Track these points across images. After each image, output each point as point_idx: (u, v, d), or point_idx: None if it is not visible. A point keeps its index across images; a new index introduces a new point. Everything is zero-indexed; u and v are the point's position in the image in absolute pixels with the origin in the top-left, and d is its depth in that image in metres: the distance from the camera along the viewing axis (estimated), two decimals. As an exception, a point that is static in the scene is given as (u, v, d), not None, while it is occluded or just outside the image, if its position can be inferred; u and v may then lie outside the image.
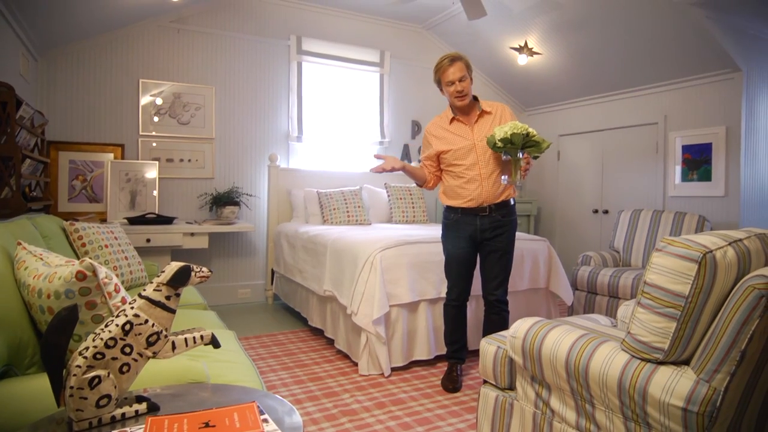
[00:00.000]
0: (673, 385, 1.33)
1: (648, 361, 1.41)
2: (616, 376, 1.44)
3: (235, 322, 4.13)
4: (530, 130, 2.52)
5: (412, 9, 5.18)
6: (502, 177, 2.65)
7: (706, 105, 4.39)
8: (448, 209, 2.81)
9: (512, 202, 2.79)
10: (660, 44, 4.25)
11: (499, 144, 2.51)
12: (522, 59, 4.96)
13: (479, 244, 2.77)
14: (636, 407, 1.40)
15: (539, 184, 6.19)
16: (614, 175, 5.23)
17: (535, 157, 2.61)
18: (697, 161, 4.43)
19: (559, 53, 5.02)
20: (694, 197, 4.46)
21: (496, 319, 2.81)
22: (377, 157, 2.86)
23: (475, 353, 3.24)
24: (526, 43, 4.85)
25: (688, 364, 1.38)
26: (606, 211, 5.31)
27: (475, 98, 2.79)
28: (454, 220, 2.77)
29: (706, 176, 4.37)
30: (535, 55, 4.98)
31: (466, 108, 2.74)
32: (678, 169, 4.60)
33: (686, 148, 4.53)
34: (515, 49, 4.92)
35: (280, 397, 1.23)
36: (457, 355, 2.88)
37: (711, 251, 1.33)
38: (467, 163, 2.69)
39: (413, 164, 5.56)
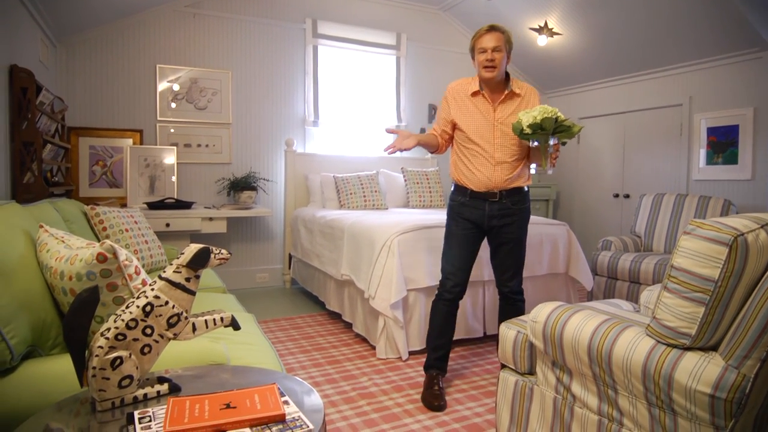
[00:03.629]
0: (700, 372, 1.30)
1: (674, 346, 1.38)
2: (641, 362, 1.41)
3: (254, 305, 4.17)
4: (559, 114, 2.32)
5: (429, -10, 5.09)
6: (531, 165, 2.51)
7: (733, 85, 4.25)
8: (456, 191, 2.61)
9: (526, 189, 2.59)
10: (685, 22, 4.12)
11: (527, 130, 2.30)
12: (542, 40, 4.86)
13: (487, 232, 2.58)
14: (661, 393, 1.37)
15: (558, 168, 6.09)
16: (636, 158, 5.12)
17: (563, 143, 2.42)
18: (723, 144, 4.31)
19: (580, 33, 4.89)
20: (719, 181, 4.35)
21: (512, 310, 2.65)
22: (390, 131, 2.54)
23: (491, 338, 3.24)
24: (546, 24, 4.74)
25: (716, 350, 1.35)
26: (627, 196, 5.21)
27: (507, 77, 2.55)
28: (461, 202, 2.56)
29: (732, 159, 4.25)
30: (555, 36, 4.87)
31: (493, 83, 2.51)
32: (702, 152, 4.48)
33: (712, 131, 4.40)
34: (535, 29, 4.81)
35: (300, 379, 1.23)
36: (438, 365, 2.54)
37: (742, 234, 1.28)
38: (482, 143, 2.48)
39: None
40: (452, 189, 2.67)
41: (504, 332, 1.96)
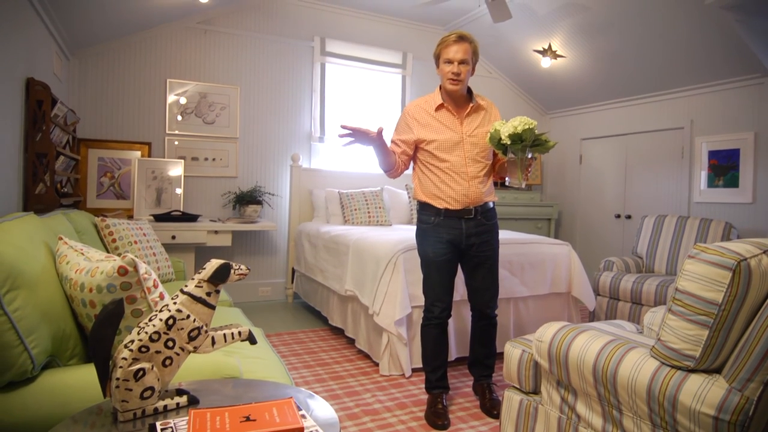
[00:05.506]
0: (704, 394, 1.32)
1: (678, 368, 1.41)
2: (646, 383, 1.43)
3: (257, 319, 4.18)
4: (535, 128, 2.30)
5: (435, 11, 5.19)
6: (506, 179, 2.44)
7: (734, 110, 4.32)
8: (427, 210, 2.49)
9: (493, 204, 2.57)
10: (687, 48, 4.20)
11: (506, 141, 2.21)
12: (545, 62, 4.94)
13: (463, 251, 2.49)
14: (665, 414, 1.40)
15: (560, 188, 6.15)
16: (638, 179, 5.17)
17: (534, 158, 2.41)
18: (724, 167, 4.37)
19: (584, 56, 4.98)
20: (720, 204, 4.39)
21: (491, 330, 2.62)
22: (345, 127, 2.41)
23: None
24: (550, 46, 4.83)
25: (720, 373, 1.37)
26: (629, 216, 5.25)
27: (469, 91, 2.53)
28: (435, 223, 2.46)
29: (732, 182, 4.30)
30: (558, 58, 4.95)
31: (457, 97, 2.47)
32: (704, 174, 4.53)
33: (713, 154, 4.46)
34: (539, 51, 4.90)
35: (314, 393, 1.26)
36: (441, 384, 2.55)
37: (745, 259, 1.32)
38: (452, 159, 2.41)
39: None
40: (419, 210, 2.57)
41: (509, 351, 1.99)
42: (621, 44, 4.57)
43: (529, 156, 2.27)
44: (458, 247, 2.47)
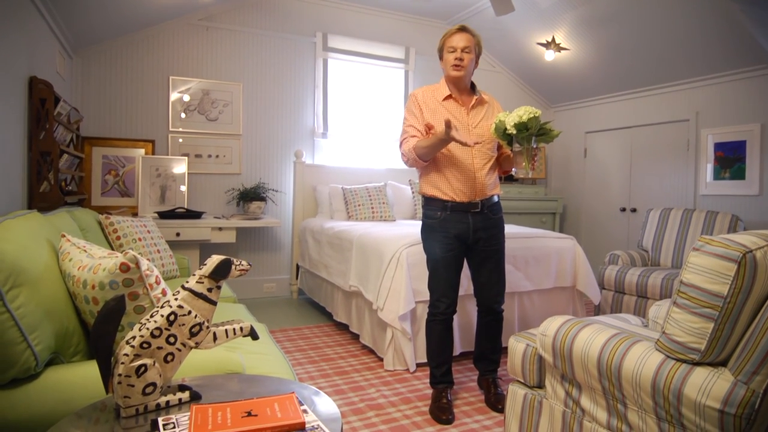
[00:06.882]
0: (709, 387, 1.31)
1: (683, 361, 1.40)
2: (650, 376, 1.42)
3: (261, 315, 4.19)
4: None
5: (437, 5, 5.17)
6: (513, 170, 2.43)
7: (740, 102, 4.28)
8: (434, 205, 2.46)
9: (498, 199, 2.54)
10: (692, 39, 4.16)
11: (512, 130, 2.20)
12: (549, 55, 4.91)
13: (470, 246, 2.48)
14: (670, 408, 1.39)
15: (565, 182, 6.12)
16: (643, 172, 5.14)
17: (538, 148, 2.36)
18: (730, 159, 4.33)
19: (588, 49, 4.94)
20: (727, 196, 4.36)
21: (498, 326, 2.62)
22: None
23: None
24: (553, 39, 4.79)
25: (725, 366, 1.36)
26: (634, 210, 5.22)
27: (473, 85, 2.53)
28: (442, 218, 2.43)
29: (739, 175, 4.27)
30: (562, 51, 4.92)
31: (461, 86, 2.47)
32: (709, 167, 4.50)
33: (719, 146, 4.42)
34: (542, 44, 4.86)
35: (316, 389, 1.26)
36: (446, 379, 2.54)
37: (751, 251, 1.31)
38: (459, 150, 2.38)
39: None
40: (424, 205, 2.53)
41: (513, 345, 1.98)
42: (625, 36, 4.53)
43: (534, 146, 2.26)
44: (465, 242, 2.46)
